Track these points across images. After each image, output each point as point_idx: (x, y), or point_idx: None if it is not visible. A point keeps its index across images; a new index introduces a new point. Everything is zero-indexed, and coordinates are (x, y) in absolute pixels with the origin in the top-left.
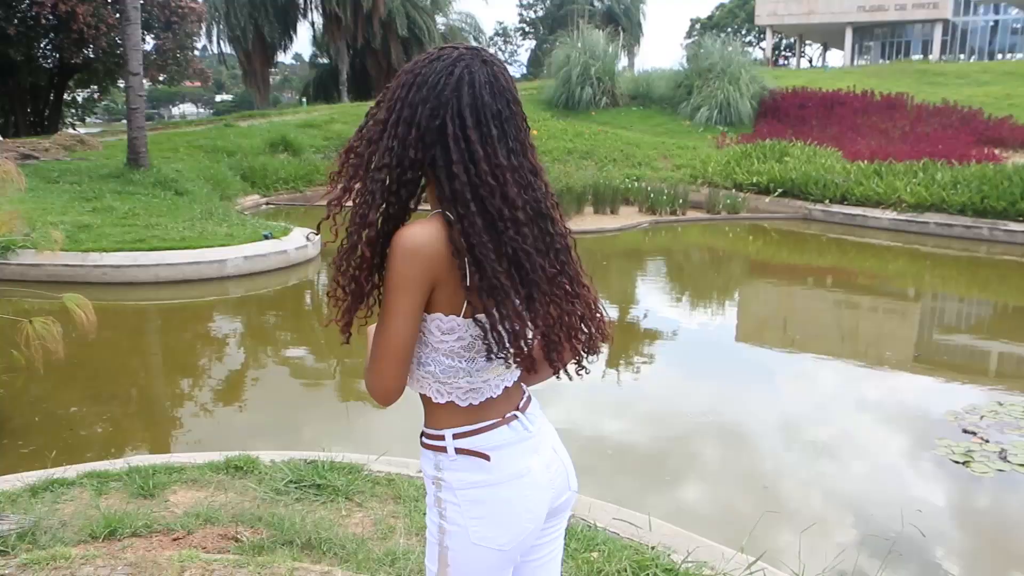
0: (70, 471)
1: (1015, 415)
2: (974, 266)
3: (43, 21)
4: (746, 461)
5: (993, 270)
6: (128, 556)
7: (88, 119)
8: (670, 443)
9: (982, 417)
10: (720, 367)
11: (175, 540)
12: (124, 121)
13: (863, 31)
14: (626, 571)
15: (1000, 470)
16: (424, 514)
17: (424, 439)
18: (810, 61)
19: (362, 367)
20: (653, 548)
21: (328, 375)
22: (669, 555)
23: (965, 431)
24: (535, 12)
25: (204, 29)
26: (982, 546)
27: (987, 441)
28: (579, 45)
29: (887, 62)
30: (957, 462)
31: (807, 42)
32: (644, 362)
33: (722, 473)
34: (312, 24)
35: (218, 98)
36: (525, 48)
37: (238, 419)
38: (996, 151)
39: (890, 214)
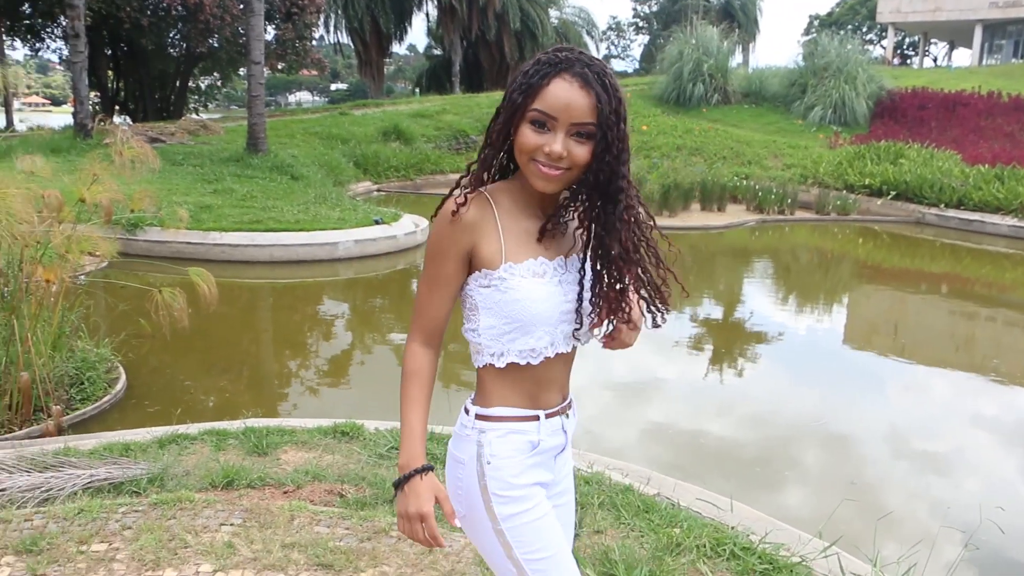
0: (192, 428)
1: None
2: None
3: (173, 12)
4: (844, 463)
5: None
6: (244, 503)
7: (210, 105)
8: (768, 443)
9: None
10: (825, 371)
11: (285, 493)
12: (243, 107)
13: (994, 28)
14: (704, 546)
15: None
16: None
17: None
18: (935, 60)
19: (458, 349)
20: (733, 528)
21: None
22: (748, 535)
23: None
24: (649, 7)
25: (322, 20)
26: None
27: None
28: (692, 41)
29: (1020, 61)
30: None
31: (932, 40)
32: (748, 362)
33: (818, 476)
34: (427, 15)
35: (333, 87)
36: (638, 43)
37: (344, 392)
38: None
39: (1011, 220)
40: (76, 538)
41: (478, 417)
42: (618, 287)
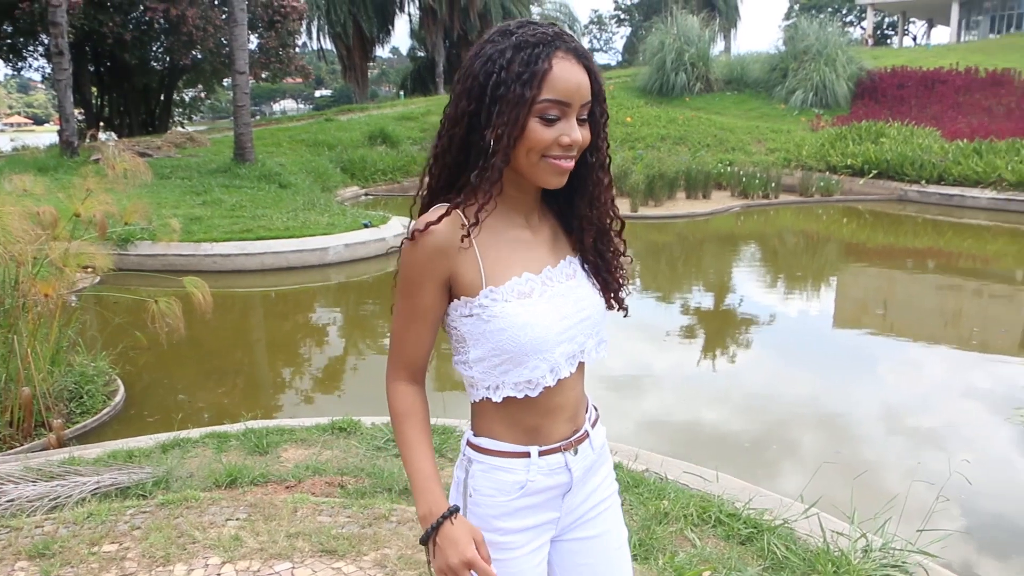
0: (193, 432)
1: None
2: None
3: (155, 25)
4: (833, 440)
5: None
6: (248, 499)
7: (195, 118)
8: (760, 426)
9: None
10: (817, 352)
11: (287, 487)
12: (228, 118)
13: (971, 5)
14: (692, 515)
15: None
16: None
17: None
18: (914, 39)
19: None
20: (718, 497)
21: None
22: (733, 503)
23: None
24: None
25: (305, 26)
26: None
27: None
28: (674, 31)
29: (996, 36)
30: None
31: (911, 19)
32: (741, 348)
33: (807, 452)
34: (410, 17)
35: (317, 93)
36: (620, 35)
37: (340, 393)
38: None
39: (989, 193)
40: (87, 540)
41: (468, 443)
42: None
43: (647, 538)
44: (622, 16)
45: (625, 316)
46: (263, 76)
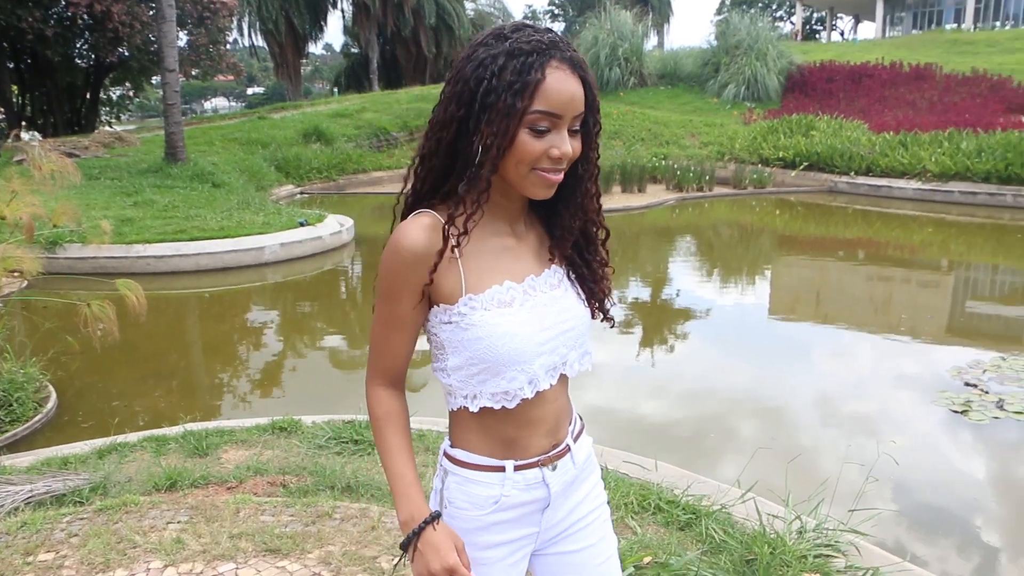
0: (131, 437)
1: (1016, 368)
2: (999, 233)
3: (79, 21)
4: (769, 427)
5: (1018, 236)
6: (189, 501)
7: (123, 117)
8: (699, 417)
9: (984, 371)
10: (753, 343)
11: (229, 489)
12: (157, 117)
13: (895, 1)
14: (632, 503)
15: (995, 417)
16: None
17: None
18: (841, 34)
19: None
20: (658, 485)
21: (363, 350)
22: (672, 490)
23: (967, 384)
24: None
25: (235, 23)
26: (955, 478)
27: (986, 392)
28: (607, 26)
29: (919, 32)
30: (956, 411)
31: (838, 15)
32: (679, 340)
33: (746, 440)
34: (343, 13)
35: (250, 91)
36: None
37: (280, 393)
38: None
39: (915, 184)
40: (21, 550)
41: (445, 454)
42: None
43: None
44: (556, 11)
45: (612, 327)
46: (193, 74)
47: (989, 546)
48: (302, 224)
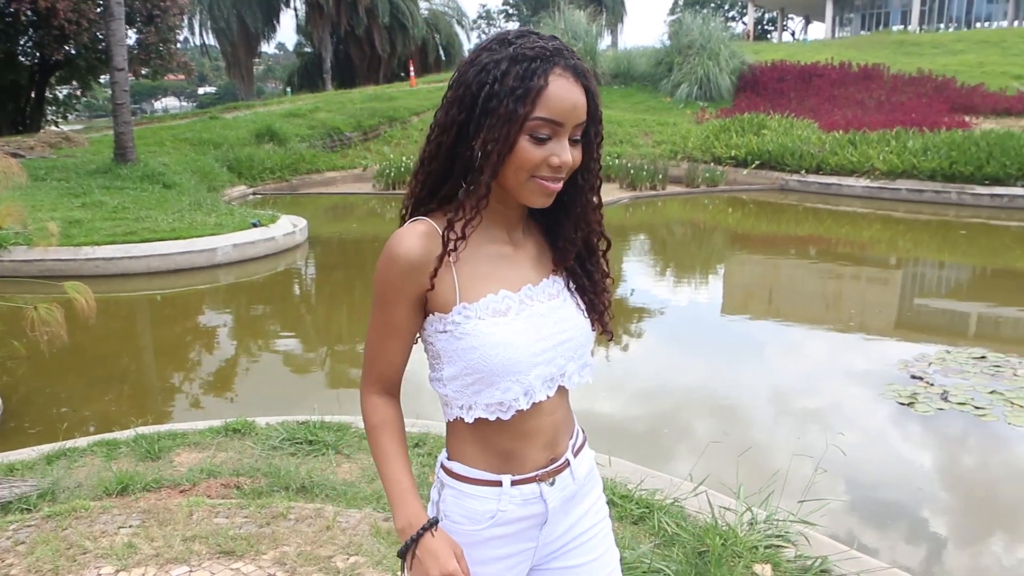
0: (80, 441)
1: (960, 361)
2: (944, 229)
3: (22, 18)
4: (723, 423)
5: (961, 232)
6: (141, 505)
7: (70, 116)
8: (655, 415)
9: (930, 364)
10: (707, 340)
11: (182, 491)
12: (106, 117)
13: (844, 2)
14: None
15: (940, 409)
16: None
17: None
18: (792, 34)
19: (347, 344)
20: (611, 479)
21: (317, 352)
22: (625, 485)
23: (913, 377)
24: None
25: (186, 21)
26: (902, 469)
27: (932, 385)
28: (561, 26)
29: (867, 33)
30: (903, 403)
31: (789, 15)
32: (633, 339)
33: (700, 437)
34: (295, 12)
35: (201, 91)
36: None
37: (234, 395)
38: (967, 118)
39: (863, 182)
40: None
41: (442, 466)
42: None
43: None
44: (510, 11)
45: (610, 340)
46: (143, 73)
47: (935, 534)
48: (255, 225)
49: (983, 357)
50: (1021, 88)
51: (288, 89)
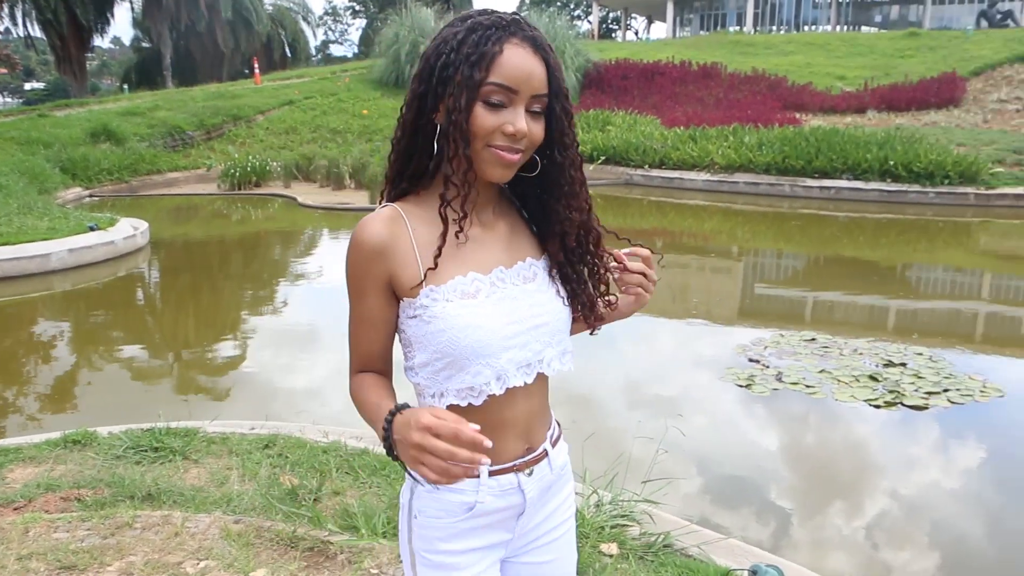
0: None
1: (793, 344)
2: (780, 220)
3: None
4: (576, 413)
5: (795, 223)
6: None
7: None
8: None
9: (766, 348)
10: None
11: (16, 509)
12: None
13: (683, 3)
14: None
15: (775, 389)
16: (258, 464)
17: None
18: (636, 34)
19: (194, 349)
20: None
21: (163, 358)
22: None
23: (751, 360)
24: None
25: (7, 10)
26: (741, 447)
27: (767, 367)
28: (408, 23)
29: (706, 33)
30: (741, 385)
31: (632, 15)
32: None
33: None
34: (131, 5)
35: (28, 86)
36: (356, 27)
37: (73, 406)
38: (797, 115)
39: (704, 176)
40: None
41: None
42: (589, 279)
43: (396, 515)
44: (357, 8)
45: (591, 334)
46: None
47: (776, 505)
48: (92, 229)
49: (813, 339)
50: (844, 88)
51: (125, 86)
